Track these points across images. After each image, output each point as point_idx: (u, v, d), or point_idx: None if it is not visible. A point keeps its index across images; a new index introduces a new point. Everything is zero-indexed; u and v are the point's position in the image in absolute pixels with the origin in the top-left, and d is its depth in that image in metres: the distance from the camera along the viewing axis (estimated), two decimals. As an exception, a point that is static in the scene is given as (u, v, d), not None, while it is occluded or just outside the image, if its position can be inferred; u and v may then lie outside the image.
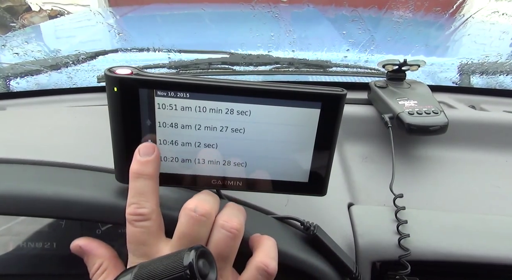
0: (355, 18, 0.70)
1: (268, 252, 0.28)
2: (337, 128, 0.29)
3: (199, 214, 0.26)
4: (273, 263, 0.27)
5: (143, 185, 0.27)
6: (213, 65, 0.67)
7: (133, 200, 0.27)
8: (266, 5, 0.66)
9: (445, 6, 0.74)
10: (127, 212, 0.26)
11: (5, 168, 0.33)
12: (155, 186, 0.27)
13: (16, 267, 0.35)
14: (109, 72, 0.26)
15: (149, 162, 0.27)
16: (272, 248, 0.28)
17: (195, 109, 0.27)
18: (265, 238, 0.29)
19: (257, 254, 0.28)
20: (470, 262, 0.37)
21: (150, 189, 0.27)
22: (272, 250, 0.28)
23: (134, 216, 0.26)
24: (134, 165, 0.27)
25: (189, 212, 0.26)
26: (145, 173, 0.27)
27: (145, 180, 0.27)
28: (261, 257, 0.27)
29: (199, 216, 0.26)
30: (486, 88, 0.70)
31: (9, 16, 0.67)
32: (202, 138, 0.29)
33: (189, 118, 0.28)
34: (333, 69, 0.69)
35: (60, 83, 0.64)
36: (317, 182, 0.31)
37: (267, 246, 0.28)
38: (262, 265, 0.27)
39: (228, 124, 0.28)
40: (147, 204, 0.26)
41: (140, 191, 0.27)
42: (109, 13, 0.83)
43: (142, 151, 0.27)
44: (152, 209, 0.26)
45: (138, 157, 0.27)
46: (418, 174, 0.49)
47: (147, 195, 0.27)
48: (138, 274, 0.23)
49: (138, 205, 0.26)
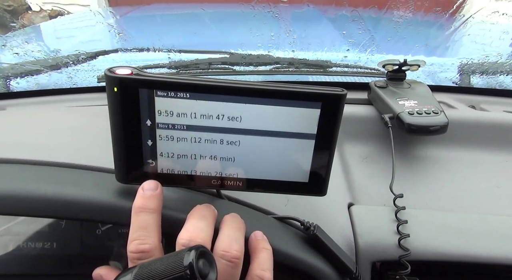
0: (355, 18, 0.70)
1: (262, 264, 0.28)
2: (337, 128, 0.29)
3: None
4: (268, 275, 0.27)
5: (146, 219, 0.26)
6: (213, 65, 0.67)
7: (135, 236, 0.26)
8: (266, 5, 0.66)
9: (445, 6, 0.74)
10: (128, 250, 0.26)
11: (5, 168, 0.33)
12: (158, 220, 0.27)
13: (16, 267, 0.35)
14: (109, 72, 0.26)
15: (152, 197, 0.27)
16: (267, 259, 0.29)
17: (195, 109, 0.27)
18: (261, 249, 0.29)
19: (253, 265, 0.28)
20: (470, 262, 0.37)
21: (153, 223, 0.27)
22: (267, 262, 0.28)
23: (137, 254, 0.26)
24: (137, 200, 0.27)
25: (183, 247, 0.25)
26: (148, 207, 0.27)
27: (148, 214, 0.27)
28: (257, 270, 0.28)
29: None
30: (486, 88, 0.70)
31: (9, 16, 0.67)
32: (202, 137, 0.29)
33: (189, 118, 0.28)
34: (333, 69, 0.69)
35: (60, 83, 0.64)
36: (317, 182, 0.31)
37: (262, 258, 0.28)
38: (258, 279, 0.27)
39: (228, 124, 0.28)
40: (150, 239, 0.26)
41: (143, 225, 0.26)
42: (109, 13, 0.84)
43: (146, 186, 0.28)
44: (155, 245, 0.26)
45: (141, 193, 0.27)
46: (418, 174, 0.49)
47: (149, 229, 0.26)
48: (138, 274, 0.23)
49: (141, 241, 0.26)
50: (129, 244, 0.26)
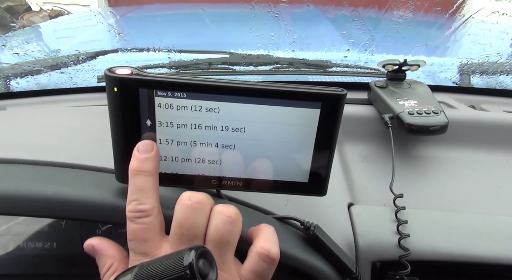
0: (355, 18, 0.70)
1: (268, 237, 0.27)
2: (337, 128, 0.29)
3: (194, 201, 0.26)
4: (275, 247, 0.27)
5: (143, 182, 0.27)
6: (213, 65, 0.67)
7: (133, 197, 0.26)
8: (266, 5, 0.66)
9: (445, 6, 0.74)
10: (127, 209, 0.26)
11: (5, 168, 0.33)
12: (155, 182, 0.27)
13: (16, 267, 0.35)
14: (109, 72, 0.26)
15: (148, 159, 0.27)
16: (271, 233, 0.28)
17: (194, 109, 0.27)
18: (263, 226, 0.29)
19: (257, 241, 0.27)
20: (470, 262, 0.37)
21: (150, 185, 0.27)
22: (271, 235, 0.28)
23: (135, 213, 0.26)
24: (133, 162, 0.27)
25: (184, 201, 0.26)
26: (145, 169, 0.27)
27: (145, 176, 0.27)
28: (261, 242, 0.27)
29: (194, 203, 0.26)
30: (486, 88, 0.70)
31: (9, 16, 0.67)
32: (202, 138, 0.29)
33: (189, 118, 0.28)
34: (333, 69, 0.69)
35: (60, 83, 0.64)
36: (317, 182, 0.31)
37: (266, 232, 0.28)
38: (263, 250, 0.26)
39: (228, 124, 0.28)
40: (148, 200, 0.26)
41: (140, 187, 0.26)
42: (109, 13, 0.84)
43: (142, 148, 0.27)
44: (153, 206, 0.26)
45: (137, 154, 0.27)
46: (418, 174, 0.49)
47: (147, 191, 0.26)
48: (139, 274, 0.23)
49: (139, 202, 0.26)
50: (127, 204, 0.26)
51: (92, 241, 0.29)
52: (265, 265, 0.26)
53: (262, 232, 0.28)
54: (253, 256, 0.27)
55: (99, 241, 0.29)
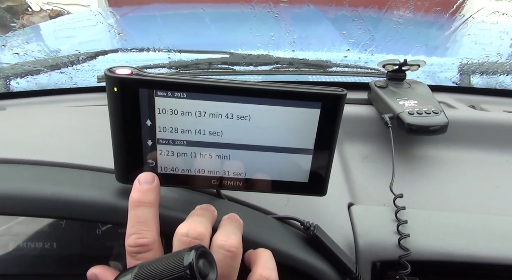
0: (355, 18, 0.70)
1: (266, 264, 0.27)
2: (337, 128, 0.29)
3: (192, 238, 0.25)
4: (274, 274, 0.27)
5: (143, 213, 0.26)
6: (213, 65, 0.67)
7: (133, 230, 0.26)
8: (266, 5, 0.66)
9: (445, 6, 0.74)
10: (127, 244, 0.26)
11: (5, 168, 0.33)
12: (156, 214, 0.27)
13: (16, 267, 0.35)
14: (109, 72, 0.26)
15: (149, 190, 0.27)
16: (269, 259, 0.28)
17: (195, 109, 0.27)
18: (260, 251, 0.29)
19: (255, 268, 0.27)
20: (470, 262, 0.37)
21: (151, 217, 0.26)
22: (269, 261, 0.28)
23: (135, 247, 0.25)
24: (134, 193, 0.27)
25: (181, 237, 0.25)
26: (145, 201, 0.26)
27: (146, 208, 0.26)
28: (260, 270, 0.27)
29: (192, 240, 0.25)
30: (486, 88, 0.70)
31: (9, 16, 0.67)
32: (202, 138, 0.29)
33: (189, 119, 0.28)
34: (333, 69, 0.69)
35: (60, 83, 0.64)
36: (317, 182, 0.31)
37: (264, 258, 0.28)
38: (262, 278, 0.26)
39: (228, 123, 0.28)
40: (148, 233, 0.26)
41: (141, 219, 0.26)
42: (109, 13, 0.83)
43: (143, 179, 0.27)
44: (154, 239, 0.26)
45: (138, 186, 0.27)
46: (418, 174, 0.49)
47: (148, 223, 0.26)
48: (138, 274, 0.23)
49: (139, 235, 0.25)
50: (127, 238, 0.26)
51: (95, 270, 0.28)
52: None
53: (260, 258, 0.28)
54: None
55: (102, 270, 0.28)
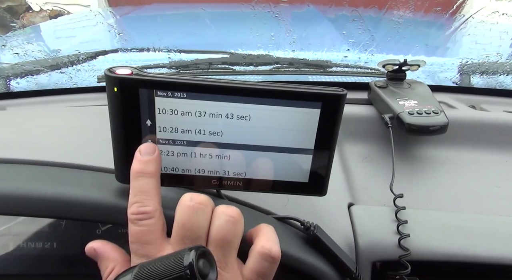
0: (355, 18, 0.70)
1: (268, 236, 0.27)
2: (337, 128, 0.29)
3: (196, 202, 0.26)
4: (276, 246, 0.27)
5: (145, 183, 0.26)
6: (213, 65, 0.67)
7: (135, 199, 0.26)
8: (266, 5, 0.66)
9: (445, 6, 0.74)
10: (129, 212, 0.26)
11: (5, 168, 0.33)
12: (157, 184, 0.27)
13: (16, 267, 0.35)
14: (109, 72, 0.26)
15: (150, 161, 0.27)
16: (271, 232, 0.28)
17: (195, 109, 0.27)
18: (262, 225, 0.29)
19: (257, 240, 0.27)
20: (470, 262, 0.37)
21: (152, 187, 0.27)
22: (271, 234, 0.28)
23: (137, 215, 0.26)
24: (135, 164, 0.27)
25: (185, 202, 0.26)
26: (147, 171, 0.27)
27: (147, 178, 0.27)
28: (262, 242, 0.27)
29: (196, 204, 0.26)
30: (486, 88, 0.70)
31: (9, 16, 0.67)
32: (203, 137, 0.29)
33: (189, 118, 0.28)
34: (333, 69, 0.69)
35: (60, 83, 0.64)
36: (317, 182, 0.31)
37: (266, 232, 0.28)
38: (264, 250, 0.26)
39: (228, 123, 0.28)
40: (150, 202, 0.26)
41: (142, 189, 0.26)
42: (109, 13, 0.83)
43: (143, 150, 0.27)
44: (155, 207, 0.26)
45: (139, 157, 0.27)
46: (418, 174, 0.49)
47: (149, 193, 0.26)
48: (139, 274, 0.23)
49: (141, 204, 0.26)
50: (129, 207, 0.26)
51: (93, 244, 0.28)
52: (267, 264, 0.26)
53: (262, 231, 0.28)
54: (254, 255, 0.27)
55: (100, 244, 0.28)
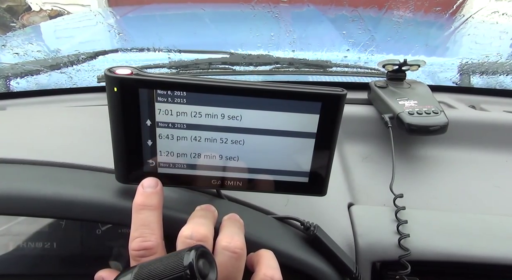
0: (355, 18, 0.70)
1: (269, 264, 0.27)
2: (337, 128, 0.29)
3: (196, 240, 0.25)
4: (277, 273, 0.27)
5: (147, 216, 0.26)
6: (213, 65, 0.67)
7: (136, 234, 0.26)
8: (266, 5, 0.66)
9: (445, 6, 0.74)
10: (131, 248, 0.26)
11: (5, 168, 0.33)
12: (160, 218, 0.27)
13: (16, 267, 0.35)
14: (109, 72, 0.26)
15: (153, 194, 0.27)
16: (272, 259, 0.28)
17: (194, 110, 0.27)
18: (262, 252, 0.29)
19: (259, 268, 0.27)
20: (470, 262, 0.37)
21: (154, 220, 0.26)
22: (272, 261, 0.28)
23: (139, 251, 0.25)
24: (138, 197, 0.27)
25: (185, 240, 0.25)
26: (149, 204, 0.26)
27: (150, 211, 0.26)
28: (264, 270, 0.27)
29: (196, 243, 0.25)
30: (486, 88, 0.70)
31: (9, 16, 0.67)
32: (203, 137, 0.29)
33: (189, 118, 0.28)
34: (333, 69, 0.69)
35: (60, 83, 0.64)
36: (317, 182, 0.31)
37: (266, 258, 0.28)
38: (266, 277, 0.26)
39: (228, 123, 0.28)
40: (152, 236, 0.26)
41: (145, 222, 0.26)
42: (109, 13, 0.83)
43: (146, 184, 0.27)
44: (157, 242, 0.26)
45: (141, 190, 0.27)
46: (418, 174, 0.49)
47: (151, 227, 0.26)
48: (138, 274, 0.23)
49: (143, 239, 0.25)
50: (131, 242, 0.26)
51: (102, 274, 0.28)
52: None
53: (263, 258, 0.28)
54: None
55: (108, 273, 0.28)
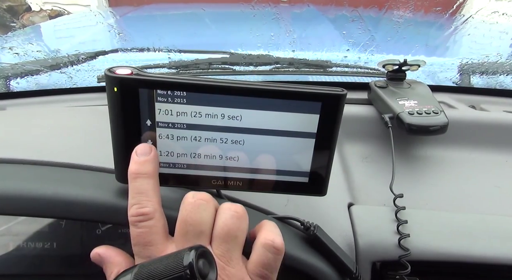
0: (355, 18, 0.70)
1: (270, 229, 0.28)
2: (337, 128, 0.29)
3: (198, 198, 0.26)
4: (278, 237, 0.27)
5: (143, 184, 0.26)
6: (213, 65, 0.67)
7: (134, 201, 0.26)
8: (266, 5, 0.66)
9: (445, 6, 0.74)
10: (129, 214, 0.26)
11: (5, 168, 0.33)
12: (156, 184, 0.27)
13: (16, 267, 0.35)
14: (109, 72, 0.26)
15: (147, 161, 0.27)
16: (273, 226, 0.28)
17: (194, 110, 0.27)
18: (264, 221, 0.29)
19: (260, 234, 0.27)
20: (470, 262, 0.37)
21: (150, 187, 0.27)
22: (273, 227, 0.28)
23: (137, 217, 0.26)
24: (132, 165, 0.27)
25: (188, 199, 0.26)
26: (144, 172, 0.27)
27: (145, 179, 0.27)
28: (265, 234, 0.27)
29: (198, 200, 0.26)
30: (486, 88, 0.70)
31: (9, 16, 0.67)
32: (203, 137, 0.29)
33: (189, 118, 0.28)
34: (333, 69, 0.69)
35: (60, 83, 0.64)
36: (317, 182, 0.31)
37: (267, 225, 0.28)
38: (267, 241, 0.26)
39: (228, 123, 0.28)
40: (149, 203, 0.26)
41: (141, 190, 0.26)
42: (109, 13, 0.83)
43: (140, 151, 0.27)
44: (155, 208, 0.26)
45: (135, 158, 0.27)
46: (418, 174, 0.49)
47: (148, 194, 0.26)
48: (138, 274, 0.23)
49: (140, 205, 0.26)
50: (128, 209, 0.26)
51: (98, 250, 0.28)
52: (271, 255, 0.26)
53: (264, 225, 0.28)
54: (258, 248, 0.26)
55: (105, 249, 0.28)
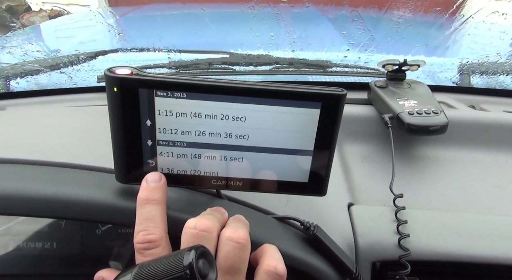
0: (355, 18, 0.70)
1: (273, 255, 0.27)
2: (337, 128, 0.29)
3: (200, 230, 0.25)
4: (281, 263, 0.27)
5: (151, 210, 0.26)
6: (213, 65, 0.67)
7: (140, 227, 0.26)
8: (266, 5, 0.66)
9: (445, 6, 0.74)
10: (135, 241, 0.26)
11: (5, 168, 0.33)
12: (163, 212, 0.27)
13: (16, 267, 0.35)
14: (109, 72, 0.26)
15: (157, 188, 0.27)
16: (275, 252, 0.28)
17: (194, 110, 0.27)
18: (266, 246, 0.29)
19: (262, 260, 0.27)
20: (470, 262, 0.37)
21: (158, 214, 0.26)
22: (275, 253, 0.28)
23: (143, 244, 0.25)
24: (142, 192, 0.27)
25: (189, 230, 0.25)
26: (153, 198, 0.27)
27: (153, 205, 0.26)
28: (267, 261, 0.27)
29: (200, 232, 0.25)
30: (486, 88, 0.70)
31: (9, 16, 0.67)
32: (203, 138, 0.29)
33: (189, 119, 0.28)
34: (333, 69, 0.69)
35: (60, 83, 0.64)
36: (317, 182, 0.31)
37: (269, 251, 0.28)
38: (270, 268, 0.26)
39: (228, 124, 0.28)
40: (156, 229, 0.26)
41: (148, 216, 0.26)
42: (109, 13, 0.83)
43: (150, 178, 0.28)
44: (161, 235, 0.26)
45: (145, 185, 0.27)
46: (418, 174, 0.49)
47: (155, 220, 0.26)
48: (138, 274, 0.23)
49: (147, 232, 0.26)
50: (135, 236, 0.26)
51: (102, 274, 0.28)
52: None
53: (267, 251, 0.28)
54: (261, 274, 0.26)
55: (109, 273, 0.28)
